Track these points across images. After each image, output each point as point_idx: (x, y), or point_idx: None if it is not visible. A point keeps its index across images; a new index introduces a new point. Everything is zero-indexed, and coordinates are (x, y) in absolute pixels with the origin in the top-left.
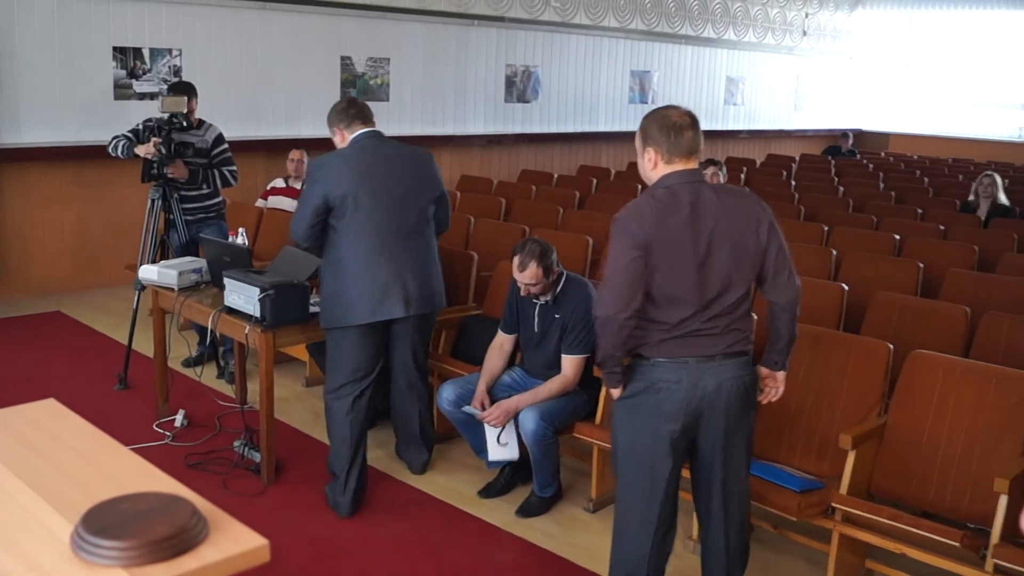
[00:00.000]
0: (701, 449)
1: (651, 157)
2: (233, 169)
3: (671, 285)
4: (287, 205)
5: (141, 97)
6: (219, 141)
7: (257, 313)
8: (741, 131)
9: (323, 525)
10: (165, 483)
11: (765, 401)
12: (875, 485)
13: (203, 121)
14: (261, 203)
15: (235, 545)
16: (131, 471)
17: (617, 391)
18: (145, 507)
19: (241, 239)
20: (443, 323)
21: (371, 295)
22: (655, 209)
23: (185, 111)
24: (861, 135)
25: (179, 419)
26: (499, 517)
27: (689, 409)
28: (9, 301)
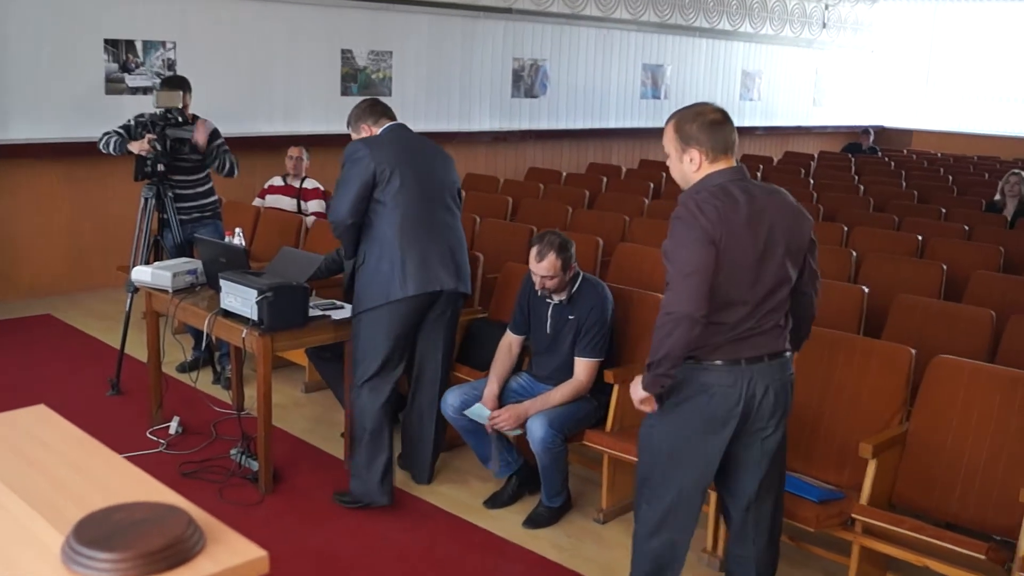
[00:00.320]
0: (740, 455)
1: (694, 158)
2: (235, 159)
3: (732, 284)
4: (285, 204)
5: (134, 92)
6: (215, 136)
7: (255, 316)
8: (757, 128)
9: (323, 536)
10: (160, 492)
11: None
12: (897, 495)
13: (197, 116)
14: (258, 202)
15: (233, 557)
16: (124, 480)
17: (649, 399)
18: (139, 517)
19: (238, 239)
20: None
21: (419, 266)
22: (720, 205)
23: (180, 106)
24: (882, 132)
25: (174, 426)
26: (506, 528)
27: (743, 413)
28: None
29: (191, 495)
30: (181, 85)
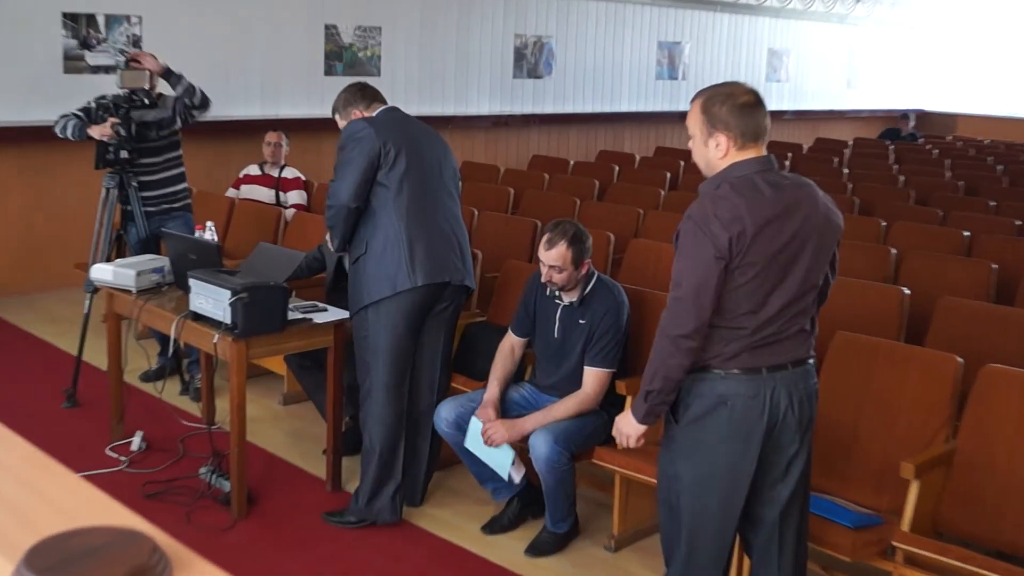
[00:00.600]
0: (762, 475)
1: (721, 144)
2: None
3: (754, 286)
4: (262, 195)
5: (95, 71)
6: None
7: (227, 320)
8: (785, 111)
9: (302, 565)
10: (121, 515)
11: None
12: (942, 521)
13: (163, 95)
14: (233, 193)
15: None
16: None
17: (640, 431)
18: (98, 543)
19: (209, 234)
20: None
21: (428, 254)
22: (743, 201)
23: (147, 87)
24: (924, 116)
25: (136, 442)
26: (506, 556)
27: (768, 427)
28: None
29: (155, 519)
30: (165, 73)
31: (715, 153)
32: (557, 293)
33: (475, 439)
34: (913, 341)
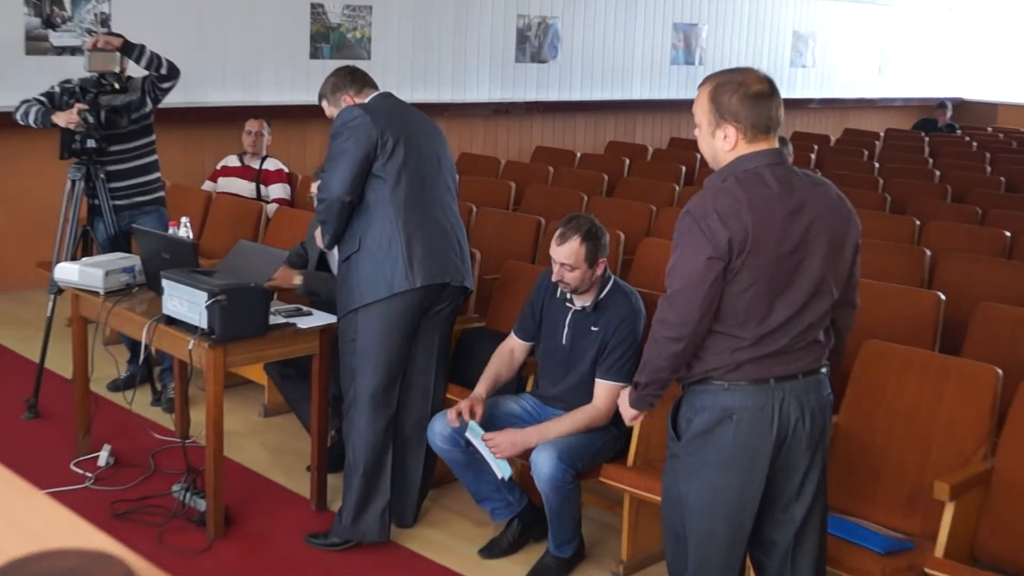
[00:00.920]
0: (775, 492)
1: (729, 135)
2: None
3: (759, 292)
4: (242, 188)
5: (59, 52)
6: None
7: (204, 324)
8: (811, 100)
9: None
10: (91, 537)
11: None
12: (979, 546)
13: (132, 78)
14: (209, 186)
15: None
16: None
17: (636, 415)
18: (66, 567)
19: (184, 231)
20: None
21: (427, 253)
22: (746, 197)
23: (117, 70)
24: (962, 106)
25: (104, 456)
26: None
27: (777, 442)
28: None
29: (125, 540)
30: (124, 47)
31: (723, 145)
32: (569, 296)
33: (475, 433)
34: (949, 351)
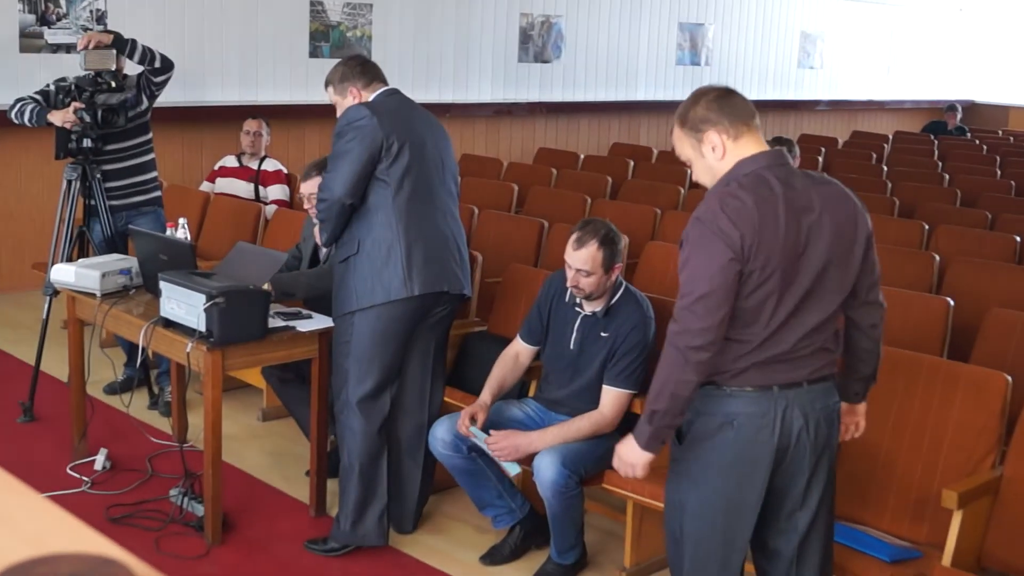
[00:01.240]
0: (778, 500)
1: (715, 142)
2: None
3: (763, 294)
4: (240, 189)
5: (54, 49)
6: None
7: (202, 327)
8: (819, 101)
9: None
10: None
11: (846, 438)
12: (987, 554)
13: (128, 76)
14: (207, 187)
15: None
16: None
17: (645, 459)
18: (67, 572)
19: (182, 232)
20: None
21: (426, 261)
22: (751, 199)
23: (114, 68)
24: (973, 108)
25: (100, 460)
26: None
27: (778, 450)
28: None
29: (122, 545)
30: (115, 42)
31: (714, 156)
32: (579, 301)
33: (478, 436)
34: (957, 357)
